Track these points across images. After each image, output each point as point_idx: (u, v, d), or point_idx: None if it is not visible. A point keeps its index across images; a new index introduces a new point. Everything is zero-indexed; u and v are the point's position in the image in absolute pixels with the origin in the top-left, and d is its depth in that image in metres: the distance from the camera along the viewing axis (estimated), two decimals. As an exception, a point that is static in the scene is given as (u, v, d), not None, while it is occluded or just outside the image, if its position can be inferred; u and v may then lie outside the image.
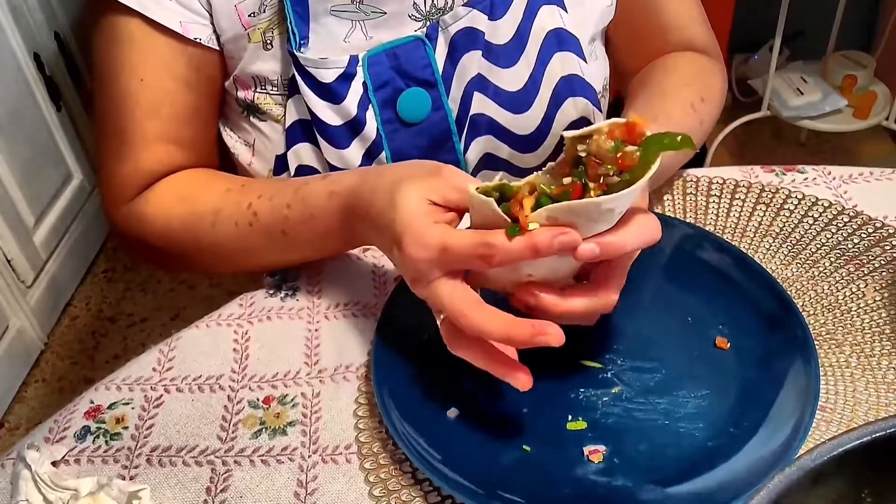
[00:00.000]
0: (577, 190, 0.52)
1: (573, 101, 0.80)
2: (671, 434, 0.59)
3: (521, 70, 0.78)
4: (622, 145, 0.52)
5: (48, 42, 2.01)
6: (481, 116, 0.79)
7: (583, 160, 0.53)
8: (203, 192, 0.75)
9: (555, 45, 0.78)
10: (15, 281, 1.83)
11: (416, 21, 0.76)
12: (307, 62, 0.73)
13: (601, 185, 0.52)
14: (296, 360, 0.68)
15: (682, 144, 0.52)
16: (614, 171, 0.52)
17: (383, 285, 0.74)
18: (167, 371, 0.68)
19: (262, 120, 0.79)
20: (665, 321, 0.67)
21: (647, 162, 0.52)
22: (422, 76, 0.76)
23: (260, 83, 0.77)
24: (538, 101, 0.79)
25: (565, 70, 0.79)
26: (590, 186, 0.53)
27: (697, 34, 0.85)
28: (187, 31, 0.72)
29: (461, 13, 0.75)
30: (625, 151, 0.52)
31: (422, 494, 0.57)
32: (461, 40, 0.76)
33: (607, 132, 0.53)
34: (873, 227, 0.74)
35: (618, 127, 0.53)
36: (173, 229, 0.75)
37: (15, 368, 1.85)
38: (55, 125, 2.01)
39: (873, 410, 0.60)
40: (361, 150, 0.77)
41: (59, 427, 0.65)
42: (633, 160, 0.52)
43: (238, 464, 0.61)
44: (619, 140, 0.52)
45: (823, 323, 0.67)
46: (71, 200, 2.08)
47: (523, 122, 0.80)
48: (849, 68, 2.09)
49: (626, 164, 0.52)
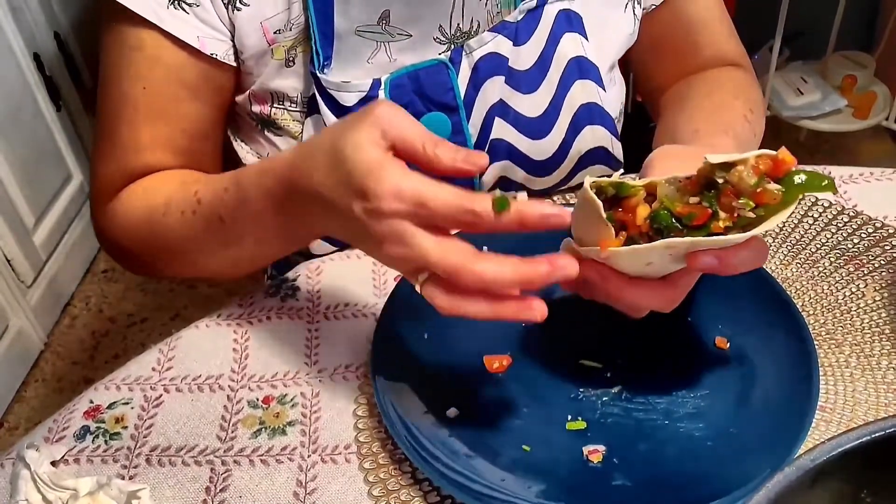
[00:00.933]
0: (705, 216, 0.50)
1: (591, 130, 0.80)
2: (671, 434, 0.59)
3: (542, 96, 0.78)
4: (765, 181, 0.49)
5: (48, 42, 2.01)
6: (500, 142, 0.79)
7: (717, 185, 0.50)
8: (163, 185, 0.73)
9: (576, 72, 0.78)
10: (15, 281, 1.83)
11: (440, 44, 0.75)
12: (329, 84, 0.73)
13: (731, 218, 0.50)
14: (295, 360, 0.68)
15: (827, 188, 0.49)
16: (750, 206, 0.49)
17: (383, 285, 0.74)
18: (167, 371, 0.68)
19: (278, 135, 0.79)
20: (665, 321, 0.67)
21: (787, 202, 0.49)
22: (443, 100, 0.76)
23: (278, 99, 0.76)
24: (557, 127, 0.79)
25: (585, 98, 0.79)
26: (720, 216, 0.50)
27: (730, 49, 0.85)
28: (204, 46, 0.71)
29: (486, 38, 0.75)
30: (766, 188, 0.49)
31: (421, 494, 0.57)
32: (485, 65, 0.75)
33: (753, 165, 0.49)
34: (873, 227, 0.74)
35: (764, 160, 0.50)
36: (132, 223, 0.73)
37: (15, 368, 1.85)
38: (55, 125, 2.01)
39: (873, 410, 0.60)
40: None
41: (59, 427, 0.65)
42: (773, 199, 0.49)
43: (237, 463, 0.61)
44: (763, 175, 0.49)
45: (823, 323, 0.67)
46: (71, 200, 2.08)
47: (541, 147, 0.79)
48: (849, 68, 2.09)
49: (763, 202, 0.49)
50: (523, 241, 0.75)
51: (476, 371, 0.64)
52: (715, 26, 0.85)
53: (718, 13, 0.85)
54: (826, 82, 2.11)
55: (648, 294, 0.55)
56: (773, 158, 0.50)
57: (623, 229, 0.52)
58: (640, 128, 1.33)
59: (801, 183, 0.49)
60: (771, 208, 0.49)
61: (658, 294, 0.56)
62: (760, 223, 0.50)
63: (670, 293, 0.56)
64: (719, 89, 0.81)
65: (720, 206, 0.50)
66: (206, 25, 0.70)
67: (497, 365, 0.64)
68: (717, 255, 0.51)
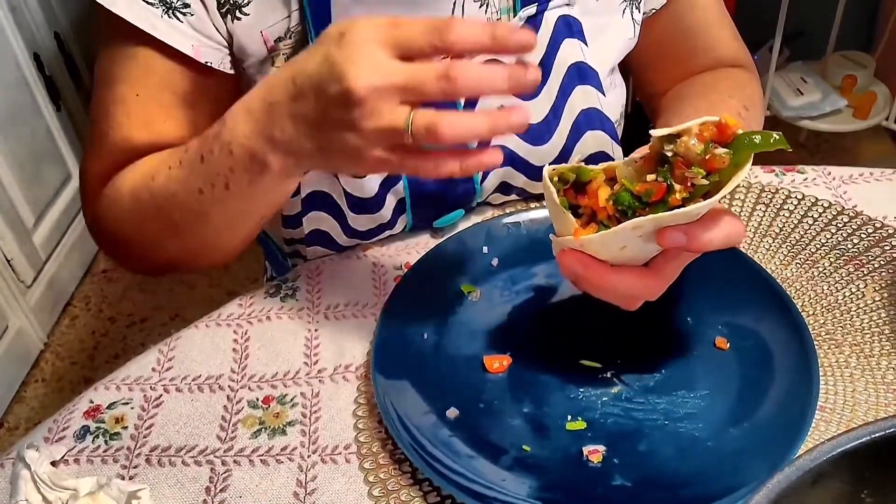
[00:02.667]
0: (661, 190, 0.51)
1: (592, 135, 0.80)
2: (671, 434, 0.59)
3: (542, 102, 0.78)
4: (712, 147, 0.50)
5: (48, 42, 2.01)
6: (501, 148, 0.79)
7: (669, 159, 0.51)
8: (152, 158, 0.72)
9: (576, 78, 0.78)
10: (15, 281, 1.83)
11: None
12: None
13: (687, 188, 0.51)
14: (295, 360, 0.68)
15: (777, 143, 0.50)
16: (702, 174, 0.50)
17: (383, 285, 0.74)
18: (167, 371, 0.68)
19: None
20: (665, 321, 0.67)
21: (737, 163, 0.50)
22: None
23: None
24: (558, 133, 0.79)
25: (586, 103, 0.79)
26: (675, 188, 0.51)
27: (731, 52, 0.85)
28: (199, 54, 0.70)
29: None
30: (714, 154, 0.50)
31: (421, 494, 0.57)
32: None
33: (697, 133, 0.51)
34: (873, 227, 0.74)
35: (708, 127, 0.51)
36: (122, 202, 0.72)
37: (14, 368, 1.85)
38: (55, 125, 2.01)
39: (873, 410, 0.60)
40: (379, 178, 0.76)
41: (59, 427, 0.65)
42: (722, 162, 0.50)
43: (237, 464, 0.61)
44: (709, 142, 0.50)
45: (823, 323, 0.67)
46: (71, 200, 2.08)
47: (542, 153, 0.79)
48: (849, 68, 2.09)
49: (714, 167, 0.50)
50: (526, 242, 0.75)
51: (476, 371, 0.64)
52: (715, 30, 0.85)
53: (718, 16, 0.85)
54: (826, 82, 2.11)
55: (630, 280, 0.56)
56: (716, 125, 0.51)
57: (593, 216, 0.54)
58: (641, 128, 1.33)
59: (749, 142, 0.50)
60: (726, 173, 0.50)
61: (639, 280, 0.56)
62: (719, 190, 0.51)
63: (652, 279, 0.56)
64: (714, 89, 0.81)
65: (674, 179, 0.51)
66: (200, 34, 0.70)
67: (497, 365, 0.64)
68: (684, 231, 0.52)
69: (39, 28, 1.97)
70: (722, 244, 0.54)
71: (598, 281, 0.56)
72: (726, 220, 0.54)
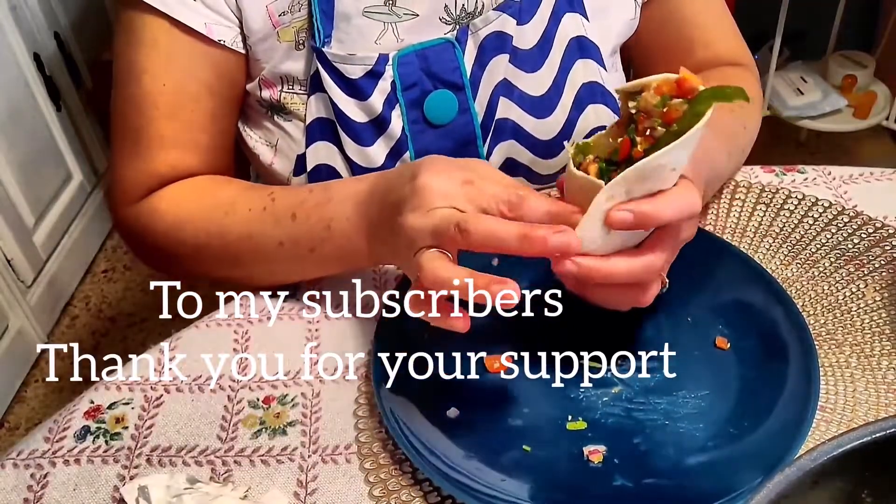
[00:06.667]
0: (626, 146, 0.52)
1: (594, 108, 0.80)
2: (671, 434, 0.59)
3: (544, 75, 0.78)
4: (668, 99, 0.51)
5: (48, 42, 2.01)
6: (506, 121, 0.80)
7: (634, 117, 0.52)
8: (223, 188, 0.75)
9: (577, 51, 0.79)
10: (15, 281, 1.83)
11: (446, 24, 0.77)
12: (334, 57, 0.74)
13: (647, 139, 0.52)
14: (296, 360, 0.68)
15: (735, 95, 0.50)
16: (660, 124, 0.51)
17: (383, 285, 0.74)
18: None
19: (287, 119, 0.80)
20: (665, 321, 0.67)
21: (698, 114, 0.50)
22: (450, 79, 0.77)
23: (288, 82, 0.78)
24: (560, 106, 0.79)
25: (587, 77, 0.79)
26: (637, 141, 0.52)
27: (730, 49, 0.86)
28: (212, 32, 0.72)
29: (491, 17, 0.76)
30: (671, 105, 0.51)
31: (421, 494, 0.57)
32: (490, 44, 0.77)
33: (656, 87, 0.52)
34: (873, 228, 0.74)
35: (667, 82, 0.52)
36: (182, 221, 0.73)
37: (15, 368, 1.85)
38: (55, 125, 2.01)
39: (873, 411, 0.60)
40: (386, 149, 0.77)
41: (59, 427, 0.65)
42: (677, 111, 0.51)
43: (238, 464, 0.61)
44: (667, 95, 0.52)
45: (823, 323, 0.67)
46: (71, 200, 2.08)
47: (546, 126, 0.80)
48: (849, 68, 2.09)
49: (671, 118, 0.51)
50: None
51: (476, 371, 0.64)
52: (715, 26, 0.85)
53: (719, 13, 0.85)
54: (826, 82, 2.11)
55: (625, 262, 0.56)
56: (676, 80, 0.52)
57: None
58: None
59: (708, 94, 0.51)
60: (685, 123, 0.51)
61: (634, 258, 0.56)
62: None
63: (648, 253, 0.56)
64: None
65: (637, 134, 0.52)
66: (212, 12, 0.72)
67: (497, 365, 0.64)
68: (629, 208, 0.52)
69: (39, 28, 1.97)
70: (675, 214, 0.54)
71: (596, 273, 0.55)
72: (673, 190, 0.54)
